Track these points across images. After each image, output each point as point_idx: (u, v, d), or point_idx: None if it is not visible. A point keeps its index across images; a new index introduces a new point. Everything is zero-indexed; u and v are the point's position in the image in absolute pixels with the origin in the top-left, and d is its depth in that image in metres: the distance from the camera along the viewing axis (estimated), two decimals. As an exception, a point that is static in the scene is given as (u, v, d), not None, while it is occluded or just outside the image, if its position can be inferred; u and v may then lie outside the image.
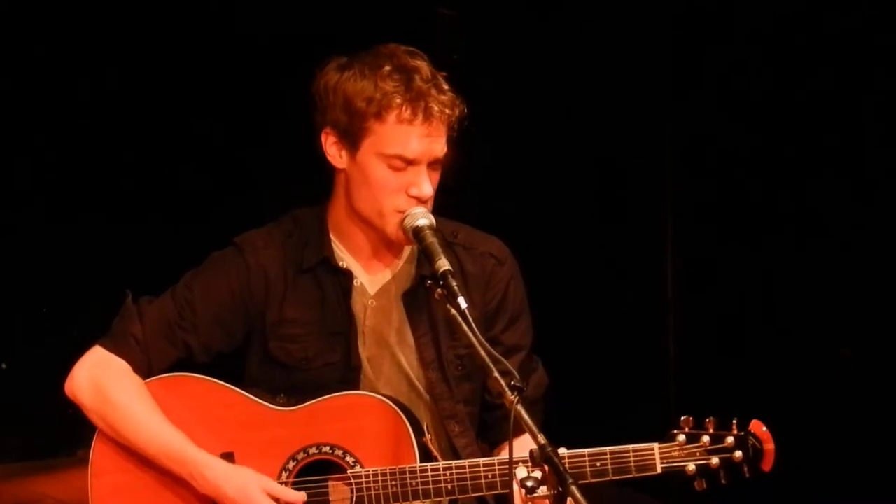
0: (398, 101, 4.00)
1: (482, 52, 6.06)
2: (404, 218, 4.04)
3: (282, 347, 4.17)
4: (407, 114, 4.01)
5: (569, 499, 3.52)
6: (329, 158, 4.13)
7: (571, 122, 6.20)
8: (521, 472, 3.76)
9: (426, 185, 4.04)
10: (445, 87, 4.06)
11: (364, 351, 4.18)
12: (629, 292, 6.22)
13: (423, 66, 4.06)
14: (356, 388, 4.14)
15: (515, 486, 3.78)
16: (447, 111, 4.03)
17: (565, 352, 4.40)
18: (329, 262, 4.19)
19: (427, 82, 4.03)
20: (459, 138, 4.11)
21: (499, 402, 4.03)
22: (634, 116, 6.14)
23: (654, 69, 6.10)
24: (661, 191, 6.17)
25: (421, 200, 4.05)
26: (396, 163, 4.03)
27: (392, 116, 4.01)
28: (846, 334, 5.81)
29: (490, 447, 4.25)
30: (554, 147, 6.23)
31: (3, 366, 6.30)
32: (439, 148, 4.05)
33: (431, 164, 4.06)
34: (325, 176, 4.18)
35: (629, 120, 6.14)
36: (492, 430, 4.25)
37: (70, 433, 5.85)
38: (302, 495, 4.03)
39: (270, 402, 4.11)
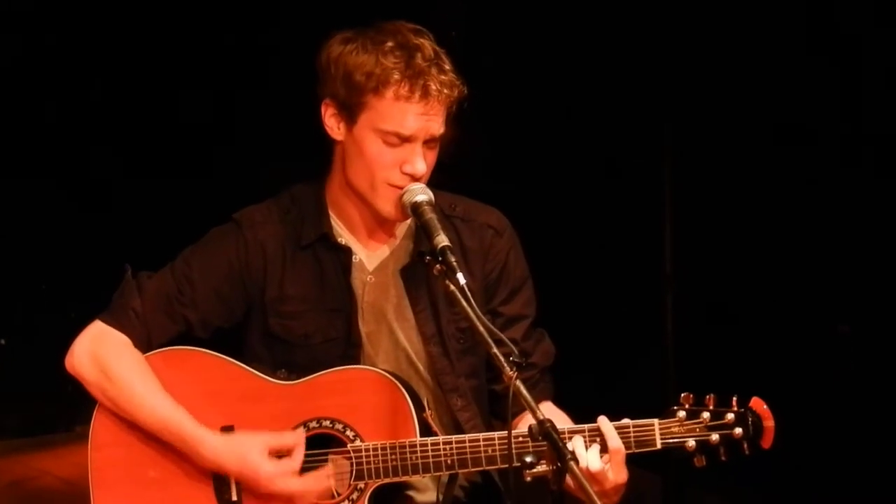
0: (396, 77, 4.00)
1: (482, 31, 6.04)
2: (403, 194, 4.04)
3: (281, 324, 4.17)
4: (404, 90, 4.00)
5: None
6: (327, 130, 4.13)
7: (570, 100, 6.19)
8: (578, 441, 3.83)
9: (419, 163, 4.03)
10: (447, 67, 4.05)
11: (363, 327, 4.18)
12: (627, 268, 6.21)
13: (427, 44, 4.05)
14: (356, 363, 4.14)
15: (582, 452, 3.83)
16: (445, 91, 4.02)
17: (564, 329, 4.39)
18: (328, 238, 4.19)
19: (428, 61, 4.02)
20: (458, 117, 4.10)
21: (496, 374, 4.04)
22: (632, 104, 6.14)
23: (655, 50, 6.09)
24: (660, 162, 6.17)
25: (414, 177, 4.04)
26: (392, 139, 4.03)
27: (390, 92, 4.01)
28: (844, 311, 5.81)
29: (503, 421, 4.23)
30: (551, 126, 6.23)
31: (2, 342, 6.30)
32: (436, 127, 4.04)
33: (427, 143, 4.06)
34: (324, 151, 4.18)
35: (629, 101, 6.14)
36: (501, 404, 4.25)
37: (68, 409, 5.86)
38: (300, 436, 4.02)
39: (271, 377, 4.11)
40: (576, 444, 3.88)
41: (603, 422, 3.93)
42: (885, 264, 5.69)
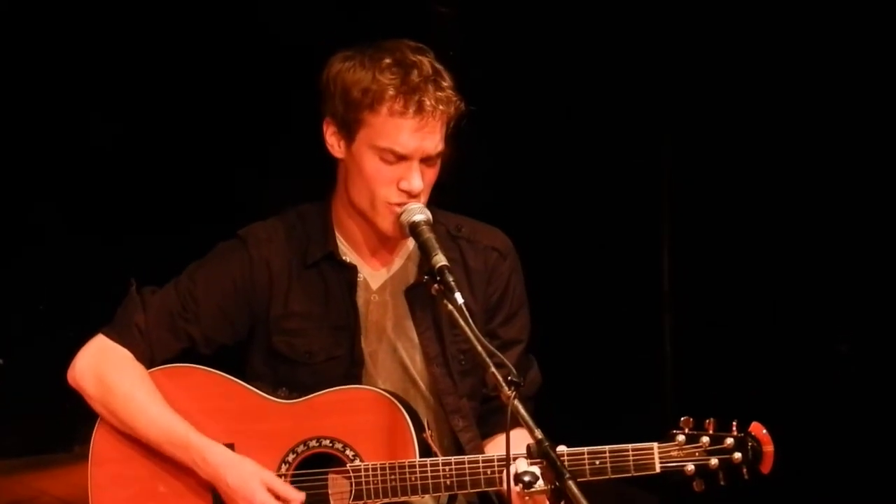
0: (391, 93, 4.01)
1: (480, 50, 6.05)
2: (401, 213, 4.05)
3: (285, 341, 4.18)
4: (399, 106, 4.01)
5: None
6: (328, 148, 4.15)
7: (570, 119, 6.19)
8: (521, 464, 3.76)
9: (416, 180, 4.04)
10: (445, 84, 4.05)
11: (366, 346, 4.19)
12: (625, 289, 6.20)
13: (425, 61, 4.06)
14: (358, 382, 4.15)
15: (512, 482, 3.79)
16: (441, 107, 4.02)
17: (562, 350, 4.41)
18: (334, 256, 4.20)
19: (424, 77, 4.02)
20: (457, 135, 4.11)
21: (493, 394, 4.01)
22: (633, 114, 6.13)
23: (653, 68, 6.10)
24: (659, 190, 6.17)
25: (411, 194, 4.05)
26: (388, 156, 4.04)
27: (385, 108, 4.02)
28: (844, 326, 5.81)
29: (481, 438, 4.24)
30: (551, 144, 6.23)
31: (1, 362, 6.29)
32: (431, 145, 4.04)
33: (426, 160, 4.06)
34: (329, 170, 4.19)
35: (627, 118, 6.14)
36: (484, 422, 4.25)
37: (67, 429, 5.85)
38: (301, 495, 4.03)
39: (271, 395, 4.12)
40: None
41: None
42: (885, 282, 5.69)
